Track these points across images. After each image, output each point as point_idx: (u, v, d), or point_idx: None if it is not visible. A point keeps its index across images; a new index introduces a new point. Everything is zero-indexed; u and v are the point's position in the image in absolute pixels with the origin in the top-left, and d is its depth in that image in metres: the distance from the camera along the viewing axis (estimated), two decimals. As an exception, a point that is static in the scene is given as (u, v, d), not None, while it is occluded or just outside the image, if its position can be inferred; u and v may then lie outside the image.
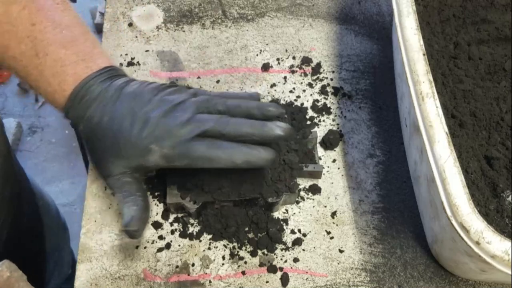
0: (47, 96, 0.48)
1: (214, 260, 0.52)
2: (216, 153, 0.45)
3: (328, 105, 0.63)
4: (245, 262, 0.52)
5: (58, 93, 0.47)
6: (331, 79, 0.65)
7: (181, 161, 0.45)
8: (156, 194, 0.55)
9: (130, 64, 0.64)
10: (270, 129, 0.45)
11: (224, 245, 0.53)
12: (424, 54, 0.49)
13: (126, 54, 0.65)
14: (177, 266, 0.52)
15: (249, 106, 0.47)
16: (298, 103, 0.62)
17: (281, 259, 0.53)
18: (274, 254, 0.53)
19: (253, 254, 0.52)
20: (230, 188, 0.51)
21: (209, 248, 0.53)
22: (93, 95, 0.47)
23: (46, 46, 0.47)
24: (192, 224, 0.54)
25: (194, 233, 0.53)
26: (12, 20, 0.46)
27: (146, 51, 0.66)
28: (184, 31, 0.68)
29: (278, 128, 0.45)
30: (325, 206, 0.56)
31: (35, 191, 0.78)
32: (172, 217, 0.54)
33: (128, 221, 0.46)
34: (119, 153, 0.46)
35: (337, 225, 0.55)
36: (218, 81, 0.64)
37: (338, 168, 0.59)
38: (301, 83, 0.64)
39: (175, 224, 0.54)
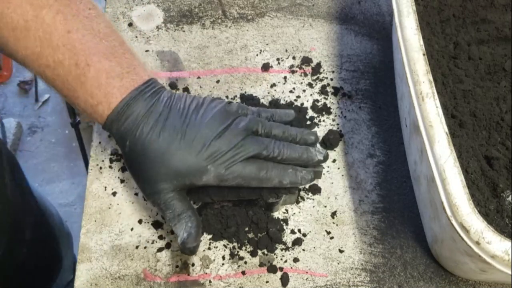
0: (87, 107, 0.46)
1: (214, 260, 0.52)
2: (267, 175, 0.48)
3: (328, 105, 0.63)
4: (245, 262, 0.52)
5: (103, 105, 0.46)
6: (331, 79, 0.65)
7: (233, 180, 0.48)
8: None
9: (130, 64, 0.64)
10: (313, 155, 0.51)
11: (224, 245, 0.53)
12: (424, 54, 0.49)
13: (126, 54, 0.65)
14: (177, 266, 0.52)
15: (292, 134, 0.52)
16: (298, 103, 0.62)
17: (281, 259, 0.53)
18: (274, 254, 0.53)
19: (253, 254, 0.52)
20: (230, 189, 0.51)
21: (209, 248, 0.53)
22: (142, 111, 0.46)
23: (87, 56, 0.45)
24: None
25: (194, 233, 0.53)
26: (45, 26, 0.44)
27: (146, 51, 0.66)
28: (184, 31, 0.68)
29: (319, 154, 0.52)
30: (325, 206, 0.56)
31: (39, 203, 0.78)
32: (172, 217, 0.54)
33: (185, 239, 0.47)
34: (171, 172, 0.46)
35: (337, 225, 0.55)
36: (218, 81, 0.64)
37: (338, 168, 0.59)
38: (301, 83, 0.64)
39: (175, 224, 0.54)
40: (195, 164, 0.46)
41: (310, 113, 0.62)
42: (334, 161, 0.59)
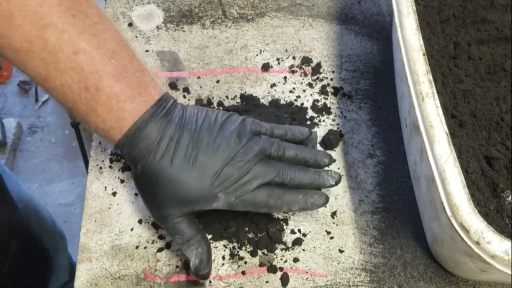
0: (98, 130, 0.46)
1: (214, 260, 0.52)
2: (276, 203, 0.48)
3: (328, 105, 0.63)
4: (245, 262, 0.52)
5: (114, 130, 0.45)
6: (331, 79, 0.65)
7: (243, 208, 0.48)
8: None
9: (130, 64, 0.64)
10: (325, 180, 0.50)
11: (224, 245, 0.53)
12: (424, 54, 0.49)
13: (126, 54, 0.65)
14: (177, 266, 0.52)
15: (306, 156, 0.51)
16: (298, 103, 0.62)
17: (281, 259, 0.53)
18: (274, 254, 0.53)
19: (253, 254, 0.52)
20: None
21: (209, 248, 0.53)
22: (153, 135, 0.45)
23: (97, 80, 0.43)
24: (192, 224, 0.54)
25: (194, 233, 0.53)
26: (50, 48, 0.41)
27: (146, 51, 0.66)
28: (184, 31, 0.68)
29: (331, 179, 0.51)
30: (325, 206, 0.56)
31: (31, 211, 0.76)
32: (172, 217, 0.54)
33: (198, 266, 0.47)
34: (181, 199, 0.46)
35: (337, 225, 0.55)
36: (218, 81, 0.64)
37: (338, 168, 0.59)
38: (301, 83, 0.64)
39: (175, 224, 0.54)
40: (206, 192, 0.46)
41: (310, 113, 0.62)
42: (334, 161, 0.59)
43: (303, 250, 0.53)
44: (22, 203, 0.74)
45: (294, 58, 0.67)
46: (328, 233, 0.55)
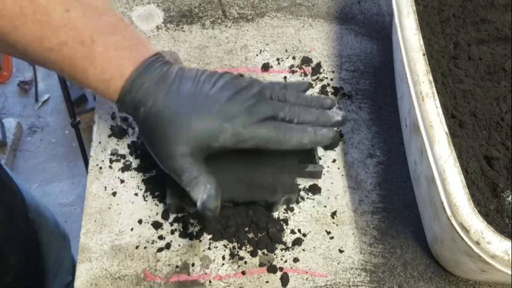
0: (99, 83, 0.46)
1: (214, 260, 0.52)
2: (285, 135, 0.47)
3: (328, 105, 0.63)
4: (245, 262, 0.52)
5: (116, 77, 0.45)
6: (331, 79, 0.65)
7: (251, 141, 0.47)
8: (156, 194, 0.55)
9: (130, 64, 0.64)
10: (330, 116, 0.50)
11: (224, 245, 0.53)
12: (424, 54, 0.49)
13: (126, 54, 0.65)
14: (177, 266, 0.52)
15: (307, 98, 0.51)
16: (298, 103, 0.62)
17: (281, 259, 0.53)
18: (274, 254, 0.53)
19: (253, 254, 0.52)
20: (230, 190, 0.51)
21: (209, 248, 0.53)
22: (154, 79, 0.46)
23: (91, 32, 0.44)
24: (192, 224, 0.54)
25: (194, 233, 0.53)
26: (42, 9, 0.42)
27: (146, 51, 0.66)
28: (184, 31, 0.68)
29: (336, 115, 0.50)
30: (325, 206, 0.56)
31: (32, 211, 0.76)
32: (172, 217, 0.54)
33: (205, 200, 0.46)
34: (187, 134, 0.46)
35: (337, 225, 0.55)
36: (218, 81, 0.64)
37: (338, 168, 0.59)
38: (301, 83, 0.64)
39: (175, 224, 0.54)
40: (211, 124, 0.46)
41: (310, 113, 0.62)
42: (334, 161, 0.59)
43: (303, 250, 0.53)
44: (29, 202, 0.74)
45: (294, 58, 0.67)
46: (328, 233, 0.55)
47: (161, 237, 0.53)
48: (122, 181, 0.56)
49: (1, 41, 0.44)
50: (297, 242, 0.53)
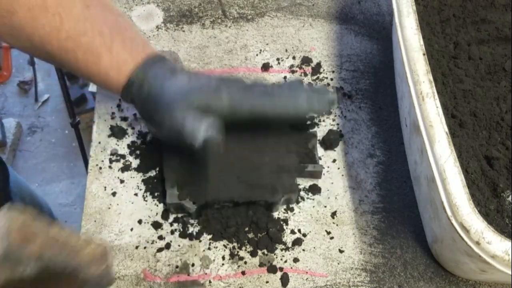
0: (111, 69, 0.48)
1: (214, 260, 0.52)
2: (280, 100, 0.48)
3: (328, 105, 0.63)
4: (245, 262, 0.52)
5: (128, 62, 0.48)
6: (331, 79, 0.65)
7: (249, 108, 0.48)
8: (156, 194, 0.55)
9: (130, 64, 0.64)
10: (324, 93, 0.50)
11: (224, 245, 0.53)
12: (424, 54, 0.49)
13: (126, 54, 0.65)
14: (177, 266, 0.52)
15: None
16: (298, 103, 0.62)
17: (281, 259, 0.52)
18: (274, 254, 0.53)
19: (253, 254, 0.52)
20: (230, 190, 0.51)
21: (209, 248, 0.53)
22: (163, 68, 0.49)
23: (110, 26, 0.48)
24: (192, 224, 0.54)
25: (194, 233, 0.53)
26: (64, 3, 0.46)
27: (146, 51, 0.66)
28: (184, 31, 0.68)
29: (329, 92, 0.50)
30: (325, 206, 0.56)
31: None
32: (172, 217, 0.54)
33: (208, 131, 0.47)
34: (186, 90, 0.48)
35: (337, 225, 0.55)
36: (218, 81, 0.64)
37: (338, 168, 0.59)
38: (301, 83, 0.64)
39: (175, 224, 0.54)
40: (209, 82, 0.48)
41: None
42: (334, 161, 0.59)
43: (303, 250, 0.53)
44: (24, 200, 0.74)
45: (294, 58, 0.67)
46: (328, 233, 0.54)
47: (160, 238, 0.53)
48: (122, 181, 0.56)
49: (19, 33, 0.46)
50: (297, 242, 0.53)
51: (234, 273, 0.52)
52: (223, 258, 0.52)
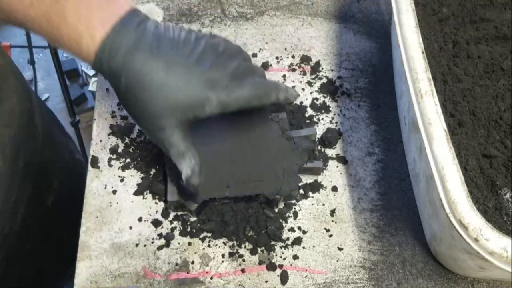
0: (71, 43, 0.45)
1: (213, 258, 0.52)
2: (265, 91, 0.49)
3: (327, 104, 0.63)
4: (245, 260, 0.52)
5: (86, 39, 0.44)
6: (331, 78, 0.65)
7: (235, 106, 0.47)
8: (156, 192, 0.55)
9: (130, 62, 0.64)
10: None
11: (223, 243, 0.53)
12: (423, 52, 0.50)
13: (126, 53, 0.65)
14: (176, 264, 0.52)
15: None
16: (297, 102, 0.62)
17: (281, 257, 0.53)
18: (274, 252, 0.53)
19: (253, 252, 0.52)
20: (230, 186, 0.51)
21: (208, 246, 0.53)
22: (130, 43, 0.44)
23: None
24: (192, 222, 0.54)
25: (194, 231, 0.53)
26: None
27: (146, 49, 0.66)
28: (183, 30, 0.68)
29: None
30: (324, 204, 0.56)
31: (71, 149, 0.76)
32: (172, 215, 0.54)
33: (189, 176, 0.48)
34: (173, 105, 0.45)
35: (336, 223, 0.55)
36: (217, 80, 0.64)
37: (337, 166, 0.59)
38: (300, 81, 0.65)
39: (175, 222, 0.54)
40: (196, 94, 0.46)
41: (309, 111, 0.62)
42: (333, 159, 0.59)
43: (303, 248, 0.53)
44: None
45: (293, 56, 0.67)
46: (327, 230, 0.55)
47: (160, 235, 0.53)
48: (122, 180, 0.56)
49: None
50: (297, 240, 0.53)
51: (234, 270, 0.52)
52: (223, 255, 0.52)
